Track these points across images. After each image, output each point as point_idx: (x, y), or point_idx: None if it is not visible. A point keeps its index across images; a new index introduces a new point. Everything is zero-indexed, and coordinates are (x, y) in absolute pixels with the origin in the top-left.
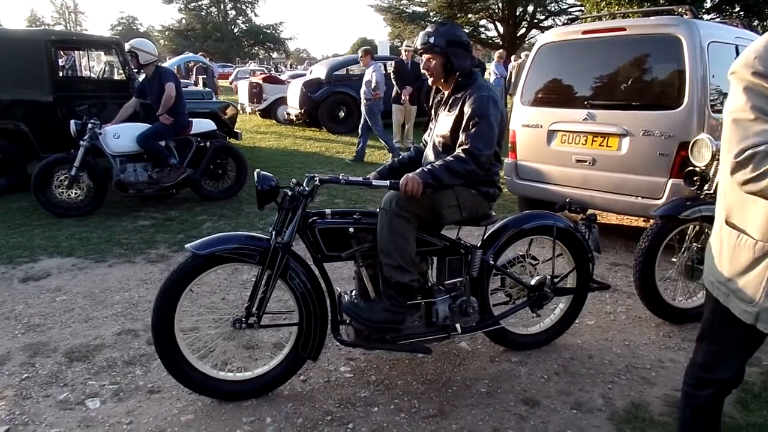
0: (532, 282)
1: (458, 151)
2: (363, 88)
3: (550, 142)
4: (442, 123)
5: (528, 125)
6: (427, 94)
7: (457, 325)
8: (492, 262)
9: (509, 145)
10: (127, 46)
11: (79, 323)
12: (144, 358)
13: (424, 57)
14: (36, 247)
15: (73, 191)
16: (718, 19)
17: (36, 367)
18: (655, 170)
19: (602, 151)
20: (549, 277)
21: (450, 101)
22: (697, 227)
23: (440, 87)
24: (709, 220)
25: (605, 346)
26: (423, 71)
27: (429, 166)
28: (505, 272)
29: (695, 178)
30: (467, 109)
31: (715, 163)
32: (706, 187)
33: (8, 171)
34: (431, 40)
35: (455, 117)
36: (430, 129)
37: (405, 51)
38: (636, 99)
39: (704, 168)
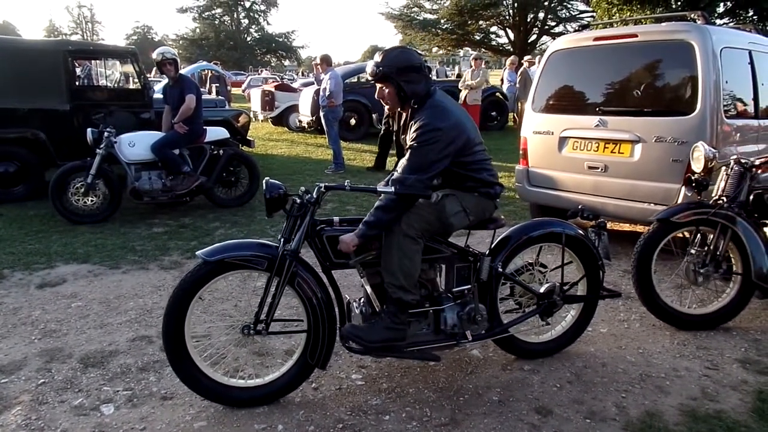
0: (542, 290)
1: (387, 184)
2: (320, 95)
3: (561, 149)
4: (406, 147)
5: (539, 132)
6: None
7: (467, 333)
8: (501, 270)
9: (521, 152)
10: (158, 55)
11: (94, 329)
12: (157, 365)
13: (378, 86)
14: (53, 253)
15: (89, 198)
16: (731, 24)
17: (52, 373)
18: (668, 177)
19: (614, 157)
20: (558, 284)
21: (409, 129)
22: (700, 232)
23: (399, 111)
24: (707, 223)
25: (619, 354)
26: (379, 99)
27: (365, 219)
28: (514, 280)
29: (693, 184)
30: (410, 137)
31: (723, 169)
32: (714, 193)
33: (26, 178)
34: (381, 69)
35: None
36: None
37: None
38: (648, 105)
39: (701, 174)
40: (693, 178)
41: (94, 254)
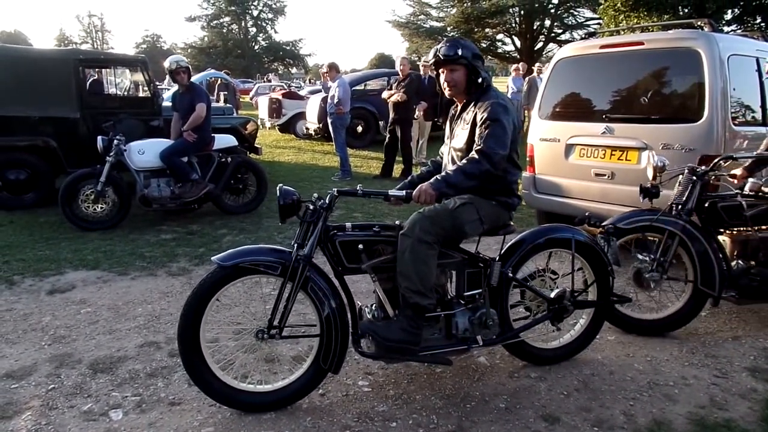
0: (552, 295)
1: (473, 153)
2: (328, 102)
3: (568, 156)
4: (458, 136)
5: (546, 139)
6: (446, 107)
7: (478, 338)
8: (511, 275)
9: (527, 159)
10: (171, 63)
11: (103, 335)
12: (166, 371)
13: (446, 68)
14: (62, 260)
15: (99, 205)
16: (739, 32)
17: (61, 378)
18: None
19: (621, 164)
20: (569, 290)
21: (464, 114)
22: (652, 238)
23: (455, 99)
24: (655, 230)
25: (626, 361)
26: (443, 83)
27: (443, 174)
28: (525, 285)
29: (645, 192)
30: (480, 116)
31: (681, 178)
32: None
33: (37, 186)
34: (459, 51)
35: (470, 128)
36: (446, 143)
37: (423, 66)
38: (655, 113)
39: (652, 182)
40: (644, 186)
41: (103, 261)
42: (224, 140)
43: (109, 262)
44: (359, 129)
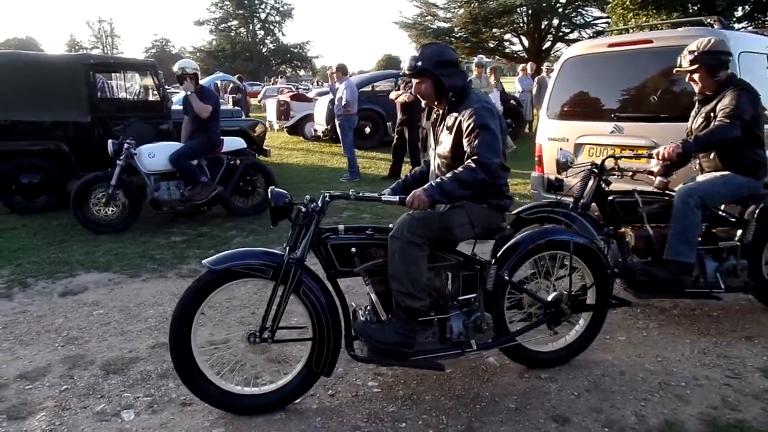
0: (549, 298)
1: (468, 162)
2: (336, 104)
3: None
4: (443, 143)
5: (554, 138)
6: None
7: (472, 342)
8: (507, 278)
9: (536, 158)
10: (178, 69)
11: (115, 336)
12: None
13: (414, 81)
14: (75, 262)
15: (110, 209)
16: (750, 28)
17: (74, 379)
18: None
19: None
20: (566, 293)
21: (446, 120)
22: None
23: (435, 107)
24: (552, 221)
25: (637, 362)
26: (415, 94)
27: (438, 180)
28: (521, 288)
29: (548, 185)
30: (466, 124)
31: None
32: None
33: (49, 189)
34: (419, 64)
35: (454, 135)
36: (431, 149)
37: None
38: (664, 111)
39: (557, 177)
40: (549, 179)
41: (114, 263)
42: (233, 143)
43: (121, 265)
44: (367, 130)
